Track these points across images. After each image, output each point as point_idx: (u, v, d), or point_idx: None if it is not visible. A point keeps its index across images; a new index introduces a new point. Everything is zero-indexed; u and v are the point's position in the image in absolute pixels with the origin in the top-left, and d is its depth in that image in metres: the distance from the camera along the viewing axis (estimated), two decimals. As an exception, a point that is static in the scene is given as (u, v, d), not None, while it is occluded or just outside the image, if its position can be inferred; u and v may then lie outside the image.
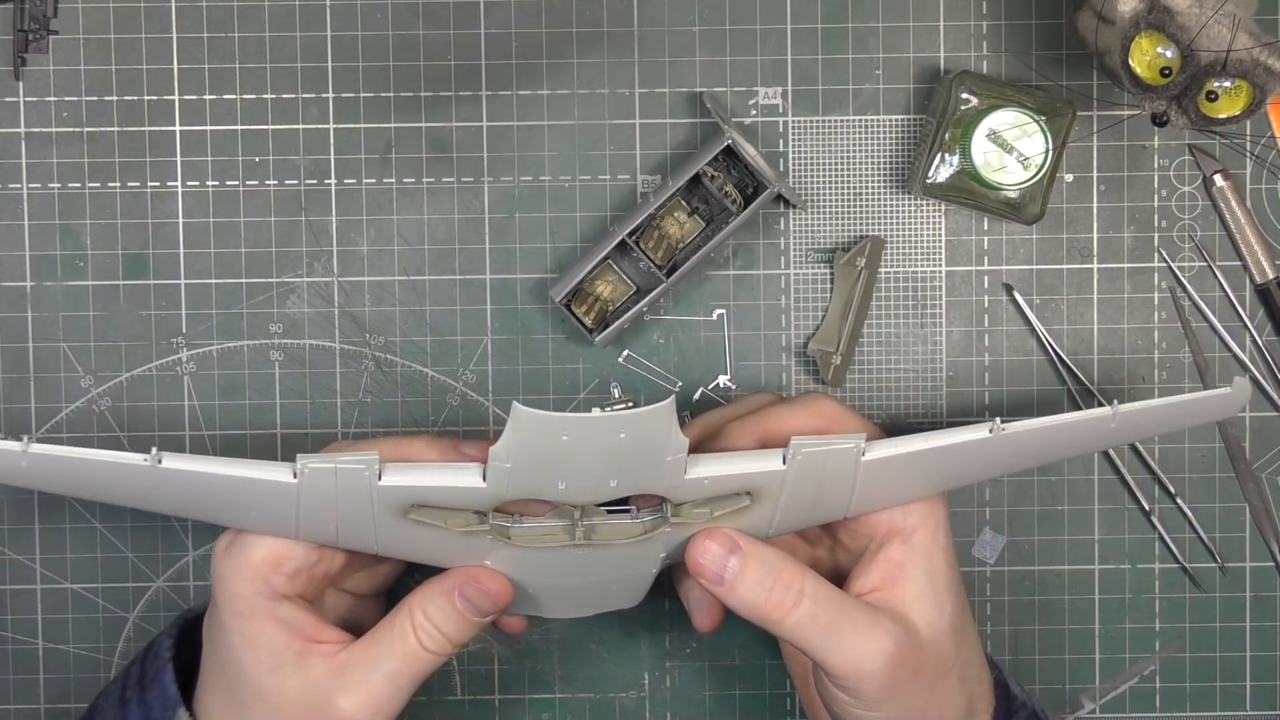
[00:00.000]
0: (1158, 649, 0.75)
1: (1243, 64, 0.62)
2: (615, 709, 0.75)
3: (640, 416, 0.57)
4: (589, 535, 0.62)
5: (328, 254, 0.73)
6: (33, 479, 0.60)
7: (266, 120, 0.73)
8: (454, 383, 0.74)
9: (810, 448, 0.61)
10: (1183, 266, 0.74)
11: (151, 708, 0.63)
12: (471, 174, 0.73)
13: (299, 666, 0.61)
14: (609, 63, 0.73)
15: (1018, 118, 0.68)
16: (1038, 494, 0.75)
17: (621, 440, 0.58)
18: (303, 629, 0.62)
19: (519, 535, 0.62)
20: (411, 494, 0.60)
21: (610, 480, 0.60)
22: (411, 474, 0.60)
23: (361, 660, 0.62)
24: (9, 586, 0.74)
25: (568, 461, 0.59)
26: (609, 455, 0.59)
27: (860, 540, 0.65)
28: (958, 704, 0.63)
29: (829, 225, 0.73)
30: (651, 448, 0.59)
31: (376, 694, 0.61)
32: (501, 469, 0.59)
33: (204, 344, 0.73)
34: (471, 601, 0.62)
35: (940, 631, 0.63)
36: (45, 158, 0.72)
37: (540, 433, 0.57)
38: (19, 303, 0.73)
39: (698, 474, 0.60)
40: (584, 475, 0.59)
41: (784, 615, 0.61)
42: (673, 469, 0.60)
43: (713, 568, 0.62)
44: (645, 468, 0.60)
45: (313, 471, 0.59)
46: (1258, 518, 0.75)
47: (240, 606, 0.62)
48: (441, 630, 0.62)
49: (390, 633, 0.62)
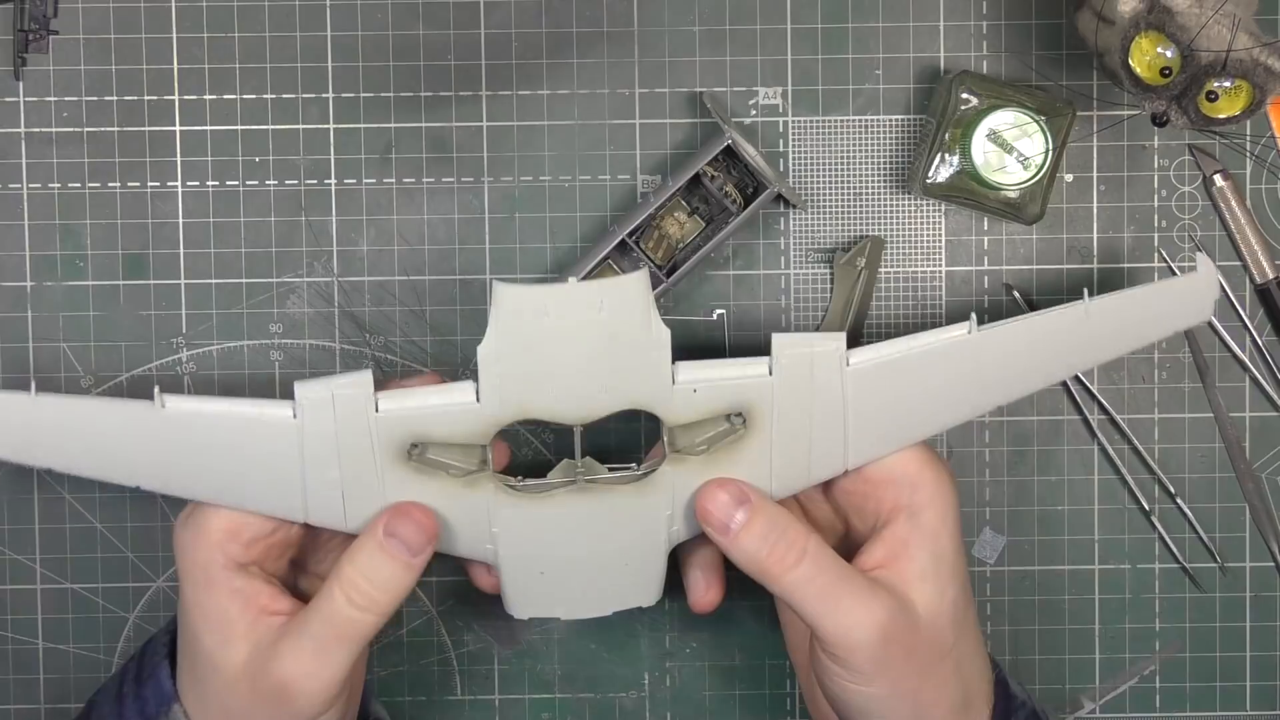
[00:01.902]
0: (1158, 649, 0.75)
1: (1243, 64, 0.62)
2: (615, 709, 0.75)
3: (615, 284, 0.60)
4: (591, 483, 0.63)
5: (328, 254, 0.73)
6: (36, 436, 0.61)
7: (266, 120, 0.73)
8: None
9: (794, 348, 0.62)
10: (1183, 266, 0.74)
11: (147, 703, 0.63)
12: (471, 174, 0.73)
13: (247, 638, 0.61)
14: (609, 63, 0.73)
15: (1018, 118, 0.68)
16: (1038, 494, 0.75)
17: (603, 320, 0.60)
18: (256, 598, 0.62)
19: (523, 488, 0.63)
20: (410, 424, 0.61)
21: (599, 388, 0.61)
22: (406, 398, 0.61)
23: (298, 626, 0.61)
24: (9, 586, 0.74)
25: (554, 353, 0.60)
26: (593, 341, 0.60)
27: (868, 520, 0.65)
28: (952, 694, 0.63)
29: (829, 225, 0.74)
30: (632, 333, 0.60)
31: (306, 657, 0.60)
32: (492, 376, 0.60)
33: (204, 344, 0.73)
34: (399, 537, 0.61)
35: (939, 615, 0.63)
36: (45, 158, 0.72)
37: (521, 309, 0.59)
38: (19, 303, 0.73)
39: (685, 378, 0.62)
40: (572, 372, 0.61)
41: (783, 571, 0.62)
42: (658, 369, 0.61)
43: (720, 516, 0.63)
44: (631, 364, 0.61)
45: (311, 404, 0.60)
46: (1258, 518, 0.75)
47: (198, 576, 0.62)
48: (371, 580, 0.61)
49: (322, 596, 0.61)
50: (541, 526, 0.64)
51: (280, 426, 0.61)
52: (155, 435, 0.61)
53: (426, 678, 0.75)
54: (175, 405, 0.61)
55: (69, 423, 0.61)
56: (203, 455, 0.62)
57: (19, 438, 0.61)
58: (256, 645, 0.61)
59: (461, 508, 0.63)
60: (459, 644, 0.75)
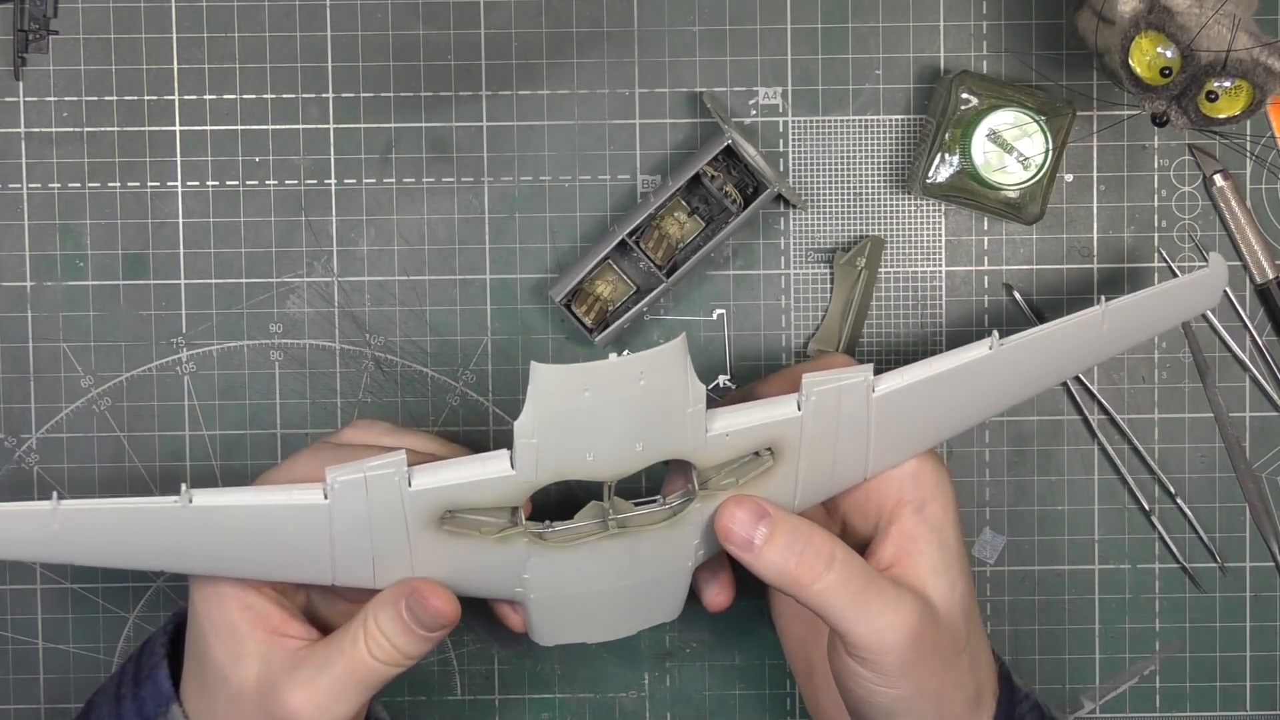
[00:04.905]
0: (1158, 649, 0.75)
1: (1243, 64, 0.62)
2: (615, 709, 0.75)
3: (657, 355, 0.58)
4: (622, 525, 0.62)
5: (328, 254, 0.73)
6: (60, 543, 0.58)
7: (266, 120, 0.73)
8: (454, 383, 0.74)
9: (823, 386, 0.61)
10: (1183, 266, 0.74)
11: (145, 703, 0.63)
12: (471, 174, 0.73)
13: (260, 657, 0.61)
14: (609, 63, 0.73)
15: (1018, 118, 0.68)
16: (1038, 494, 0.75)
17: (642, 388, 0.58)
18: (268, 619, 0.62)
19: (554, 536, 0.62)
20: (442, 496, 0.60)
21: (636, 444, 0.60)
22: (440, 472, 0.60)
23: (315, 659, 0.61)
24: (9, 586, 0.74)
25: (592, 424, 0.59)
26: (631, 410, 0.59)
27: (870, 518, 0.65)
28: (967, 688, 0.63)
29: (829, 225, 0.74)
30: (671, 395, 0.59)
31: (322, 695, 0.61)
32: (529, 446, 0.59)
33: (204, 344, 0.73)
34: (415, 615, 0.61)
35: (953, 608, 0.63)
36: (45, 158, 0.72)
37: (561, 389, 0.58)
38: (19, 303, 0.73)
39: (719, 428, 0.61)
40: (610, 439, 0.59)
41: (814, 579, 0.61)
42: (694, 423, 0.60)
43: (742, 533, 0.62)
44: (668, 424, 0.60)
45: (343, 485, 0.59)
46: (1258, 518, 0.75)
47: (209, 591, 0.62)
48: (390, 641, 0.61)
49: (344, 636, 0.61)
50: (572, 568, 0.63)
51: (310, 510, 0.59)
52: (180, 530, 0.59)
53: (426, 678, 0.75)
54: (202, 501, 0.58)
55: (90, 528, 0.59)
56: (229, 543, 0.60)
57: (40, 549, 0.59)
58: (268, 666, 0.61)
59: (491, 560, 0.62)
60: (459, 644, 0.75)
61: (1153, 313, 0.66)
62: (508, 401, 0.73)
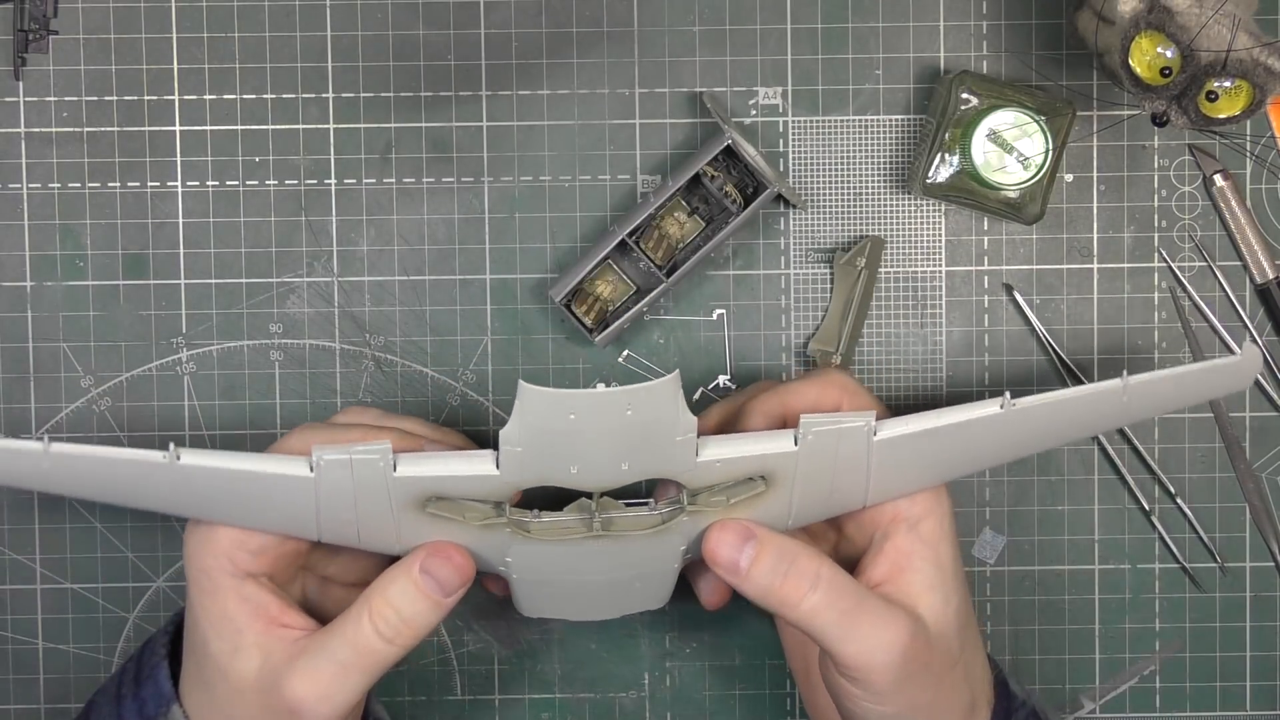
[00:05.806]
0: (1158, 649, 0.75)
1: (1243, 64, 0.62)
2: (615, 709, 0.75)
3: (646, 390, 0.57)
4: (606, 527, 0.62)
5: (328, 254, 0.73)
6: (52, 480, 0.60)
7: (266, 120, 0.73)
8: (454, 383, 0.74)
9: (821, 427, 0.60)
10: (1183, 266, 0.74)
11: (146, 703, 0.63)
12: (471, 174, 0.73)
13: (259, 648, 0.61)
14: (609, 63, 0.73)
15: (1018, 118, 0.68)
16: (1038, 494, 0.75)
17: (629, 418, 0.58)
18: (266, 609, 0.61)
19: (538, 529, 0.62)
20: (427, 485, 0.60)
21: (622, 463, 0.60)
22: (425, 464, 0.60)
23: (317, 647, 0.61)
24: (9, 586, 0.74)
25: (578, 443, 0.59)
26: (618, 435, 0.59)
27: (866, 531, 0.65)
28: (962, 699, 0.63)
29: (829, 225, 0.74)
30: (659, 426, 0.59)
31: (325, 681, 0.60)
32: (513, 453, 0.59)
33: (204, 344, 0.73)
34: (434, 575, 0.61)
35: (947, 624, 0.62)
36: (45, 158, 0.72)
37: (547, 411, 0.57)
38: (19, 303, 0.73)
39: (709, 456, 0.60)
40: (595, 457, 0.59)
41: (800, 600, 0.61)
42: (683, 450, 0.60)
43: (728, 555, 0.62)
44: (655, 449, 0.59)
45: (329, 464, 0.59)
46: (1258, 518, 0.75)
47: (205, 582, 0.62)
48: (400, 613, 0.61)
49: (345, 621, 0.61)
50: (555, 559, 0.63)
51: (296, 481, 0.60)
52: (168, 481, 0.60)
53: (426, 678, 0.75)
54: (190, 460, 0.59)
55: (81, 469, 0.60)
56: (215, 498, 0.61)
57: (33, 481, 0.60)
58: (268, 657, 0.61)
59: (475, 541, 0.62)
60: (459, 644, 0.75)
61: (1177, 391, 0.64)
62: (508, 402, 0.73)
